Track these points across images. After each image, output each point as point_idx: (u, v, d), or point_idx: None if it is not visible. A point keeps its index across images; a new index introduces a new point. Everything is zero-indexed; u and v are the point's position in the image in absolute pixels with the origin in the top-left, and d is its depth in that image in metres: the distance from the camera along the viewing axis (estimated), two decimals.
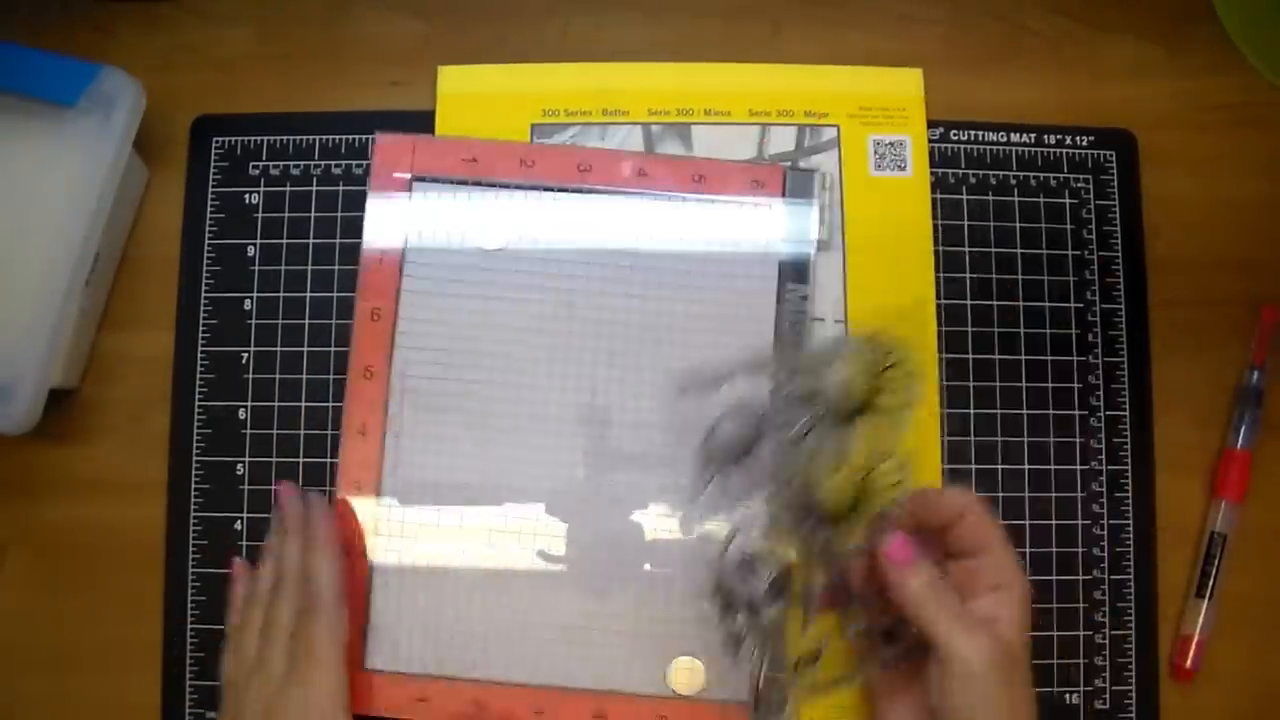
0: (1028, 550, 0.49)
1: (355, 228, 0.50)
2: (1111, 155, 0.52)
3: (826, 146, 0.51)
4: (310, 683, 0.43)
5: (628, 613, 0.48)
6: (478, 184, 0.50)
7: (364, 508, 0.48)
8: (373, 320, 0.49)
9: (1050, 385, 0.51)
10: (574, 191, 0.50)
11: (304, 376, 0.50)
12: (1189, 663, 0.49)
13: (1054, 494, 0.50)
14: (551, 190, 0.50)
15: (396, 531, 0.48)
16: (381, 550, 0.48)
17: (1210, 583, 0.49)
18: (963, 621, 0.38)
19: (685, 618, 0.47)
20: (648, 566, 0.48)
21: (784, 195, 0.50)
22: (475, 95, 0.52)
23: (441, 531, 0.48)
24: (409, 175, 0.50)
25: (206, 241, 0.51)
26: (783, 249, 0.50)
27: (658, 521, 0.48)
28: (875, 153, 0.51)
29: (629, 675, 0.47)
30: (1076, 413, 0.50)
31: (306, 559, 0.45)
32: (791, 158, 0.51)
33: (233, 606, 0.47)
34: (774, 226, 0.50)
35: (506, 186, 0.50)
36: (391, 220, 0.50)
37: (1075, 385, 0.51)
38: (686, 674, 0.47)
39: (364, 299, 0.49)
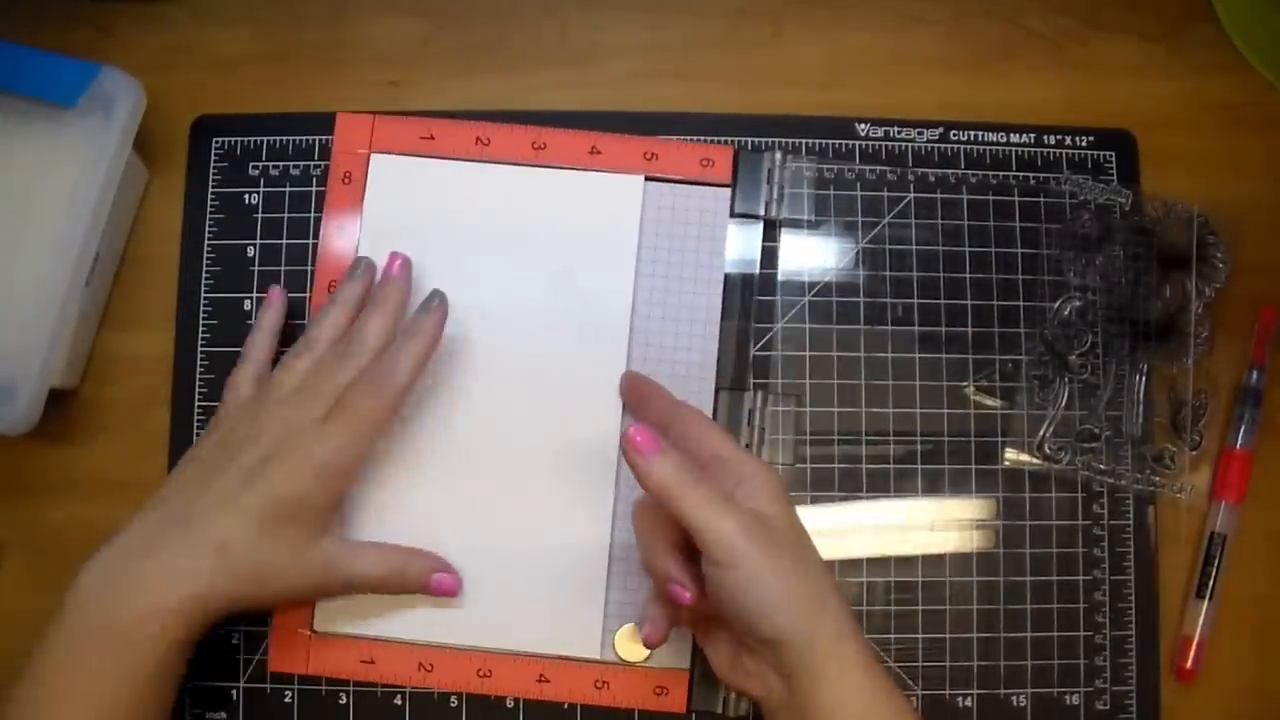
0: (1028, 550, 0.49)
1: None
2: (1111, 155, 0.52)
3: None
4: (335, 438, 0.42)
5: (573, 580, 0.48)
6: (434, 159, 0.51)
7: None
8: (329, 293, 0.49)
9: None
10: (528, 167, 0.50)
11: None
12: (1189, 663, 0.49)
13: (1054, 494, 0.50)
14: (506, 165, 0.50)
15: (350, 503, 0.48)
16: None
17: (1210, 583, 0.49)
18: (714, 502, 0.38)
19: (630, 585, 0.48)
20: (595, 538, 0.48)
21: (734, 173, 0.51)
22: None
23: (388, 500, 0.48)
24: (368, 151, 0.50)
25: (206, 241, 0.51)
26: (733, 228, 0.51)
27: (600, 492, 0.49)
28: None
29: (573, 640, 0.48)
30: (1078, 411, 0.50)
31: (401, 346, 0.44)
32: None
33: (261, 329, 0.47)
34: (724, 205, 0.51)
35: (463, 161, 0.51)
36: (349, 196, 0.50)
37: (1076, 384, 0.51)
38: (632, 641, 0.47)
39: (322, 271, 0.50)
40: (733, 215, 0.51)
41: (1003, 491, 0.50)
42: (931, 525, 0.49)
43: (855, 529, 0.49)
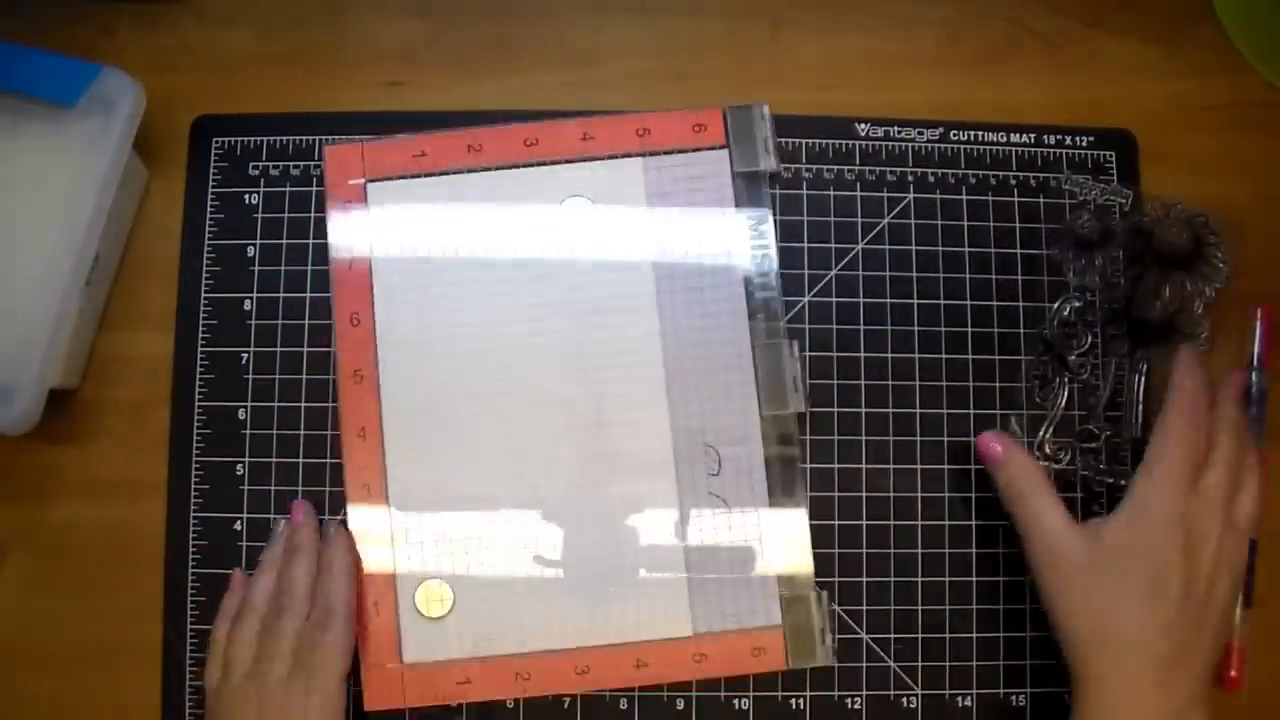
0: None
1: None
2: (1111, 155, 0.52)
3: None
4: (314, 690, 0.43)
5: (654, 566, 0.48)
6: (430, 176, 0.50)
7: (377, 510, 0.48)
8: (353, 325, 0.49)
9: None
10: (525, 167, 0.51)
11: (304, 377, 0.50)
12: (1234, 671, 0.48)
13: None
14: (503, 169, 0.51)
15: (415, 530, 0.48)
16: (403, 553, 0.48)
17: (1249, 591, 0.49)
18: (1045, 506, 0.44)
19: (707, 558, 0.48)
20: (665, 522, 0.48)
21: (727, 134, 0.51)
22: None
23: (454, 533, 0.48)
24: (363, 180, 0.50)
25: (206, 241, 0.51)
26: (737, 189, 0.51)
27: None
28: None
29: (664, 622, 0.48)
30: (1077, 411, 0.50)
31: (324, 580, 0.46)
32: None
33: (222, 615, 0.47)
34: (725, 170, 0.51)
35: (459, 172, 0.50)
36: (353, 226, 0.50)
37: (1076, 384, 0.51)
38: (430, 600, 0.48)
39: (340, 304, 0.50)
40: (734, 173, 0.50)
41: None
42: (931, 525, 0.49)
43: (854, 530, 0.49)
